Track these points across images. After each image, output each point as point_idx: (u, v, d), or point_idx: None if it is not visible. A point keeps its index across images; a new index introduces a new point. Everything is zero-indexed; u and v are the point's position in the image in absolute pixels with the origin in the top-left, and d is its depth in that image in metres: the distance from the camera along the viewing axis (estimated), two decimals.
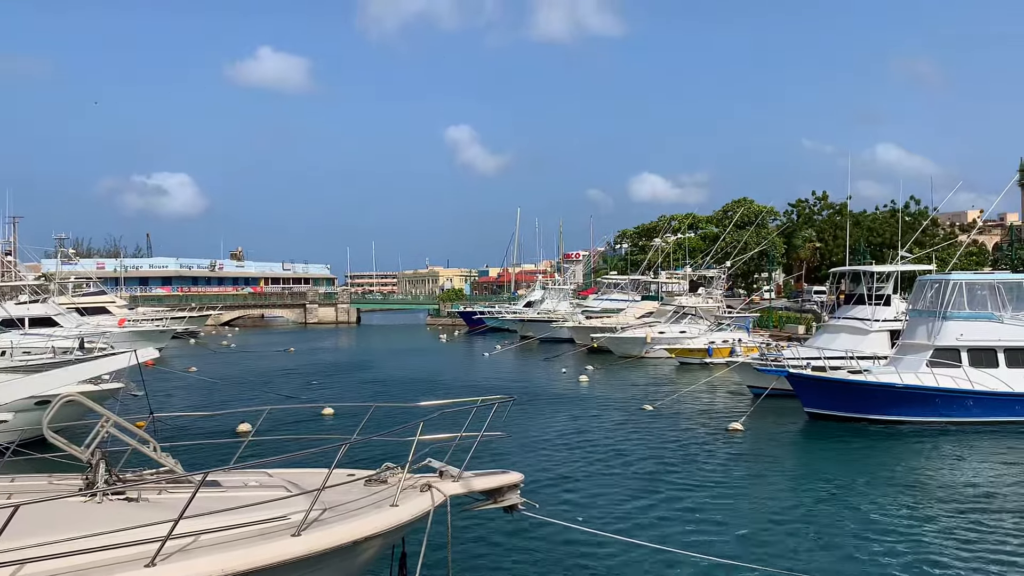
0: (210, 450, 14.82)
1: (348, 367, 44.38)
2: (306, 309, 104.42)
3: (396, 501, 7.35)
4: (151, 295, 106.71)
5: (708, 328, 45.93)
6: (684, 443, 21.13)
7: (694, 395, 30.00)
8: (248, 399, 30.22)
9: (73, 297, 59.74)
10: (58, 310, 46.09)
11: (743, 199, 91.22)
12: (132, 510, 6.66)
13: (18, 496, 6.91)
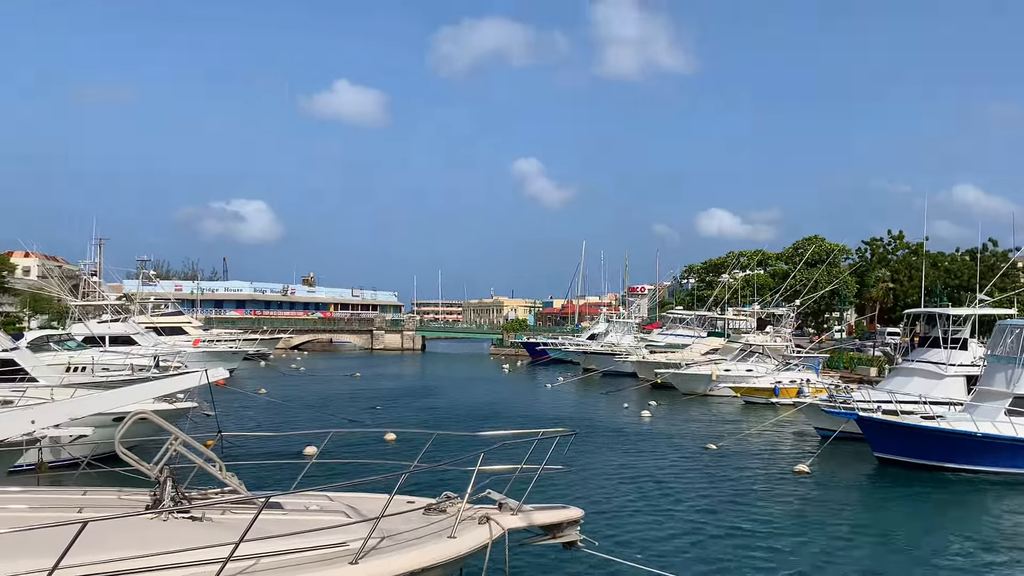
0: (274, 471, 15.08)
1: (412, 393, 44.74)
2: (373, 335, 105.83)
3: (454, 532, 7.34)
4: (225, 317, 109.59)
5: (775, 367, 44.90)
6: (747, 484, 20.63)
7: (759, 435, 29.30)
8: (314, 422, 30.68)
9: (152, 317, 61.77)
10: (137, 329, 47.74)
11: (814, 237, 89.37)
12: (196, 529, 6.80)
13: (89, 509, 7.14)
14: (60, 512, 7.06)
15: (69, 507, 7.25)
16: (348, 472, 14.37)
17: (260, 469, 14.56)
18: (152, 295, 79.25)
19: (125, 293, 78.60)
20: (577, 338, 79.81)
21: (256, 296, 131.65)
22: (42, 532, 6.13)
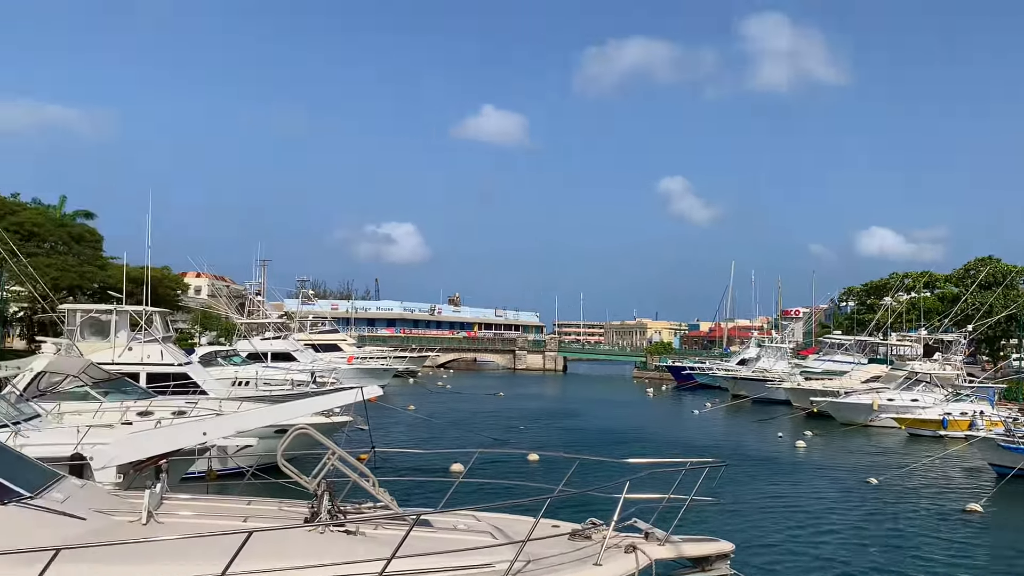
0: (423, 487, 15.42)
1: (553, 415, 44.79)
2: (515, 355, 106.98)
3: (600, 560, 7.23)
4: (377, 335, 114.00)
5: (944, 398, 41.81)
6: (911, 522, 19.22)
7: (925, 470, 27.29)
8: (459, 440, 31.27)
9: (310, 335, 65.11)
10: (297, 346, 50.41)
11: (988, 258, 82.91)
12: (350, 543, 7.01)
13: (252, 519, 7.51)
14: (226, 520, 7.46)
15: (235, 516, 7.65)
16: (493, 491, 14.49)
17: (408, 485, 14.93)
18: (310, 314, 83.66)
19: (286, 311, 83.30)
20: (726, 363, 77.51)
21: (405, 315, 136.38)
22: (211, 539, 6.51)
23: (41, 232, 51.90)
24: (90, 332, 28.16)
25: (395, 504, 8.40)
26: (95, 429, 15.03)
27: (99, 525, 6.84)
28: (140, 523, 6.99)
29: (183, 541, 6.64)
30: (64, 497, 7.11)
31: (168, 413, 18.38)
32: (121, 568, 5.98)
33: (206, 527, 7.08)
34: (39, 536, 6.11)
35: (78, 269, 51.14)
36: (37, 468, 7.78)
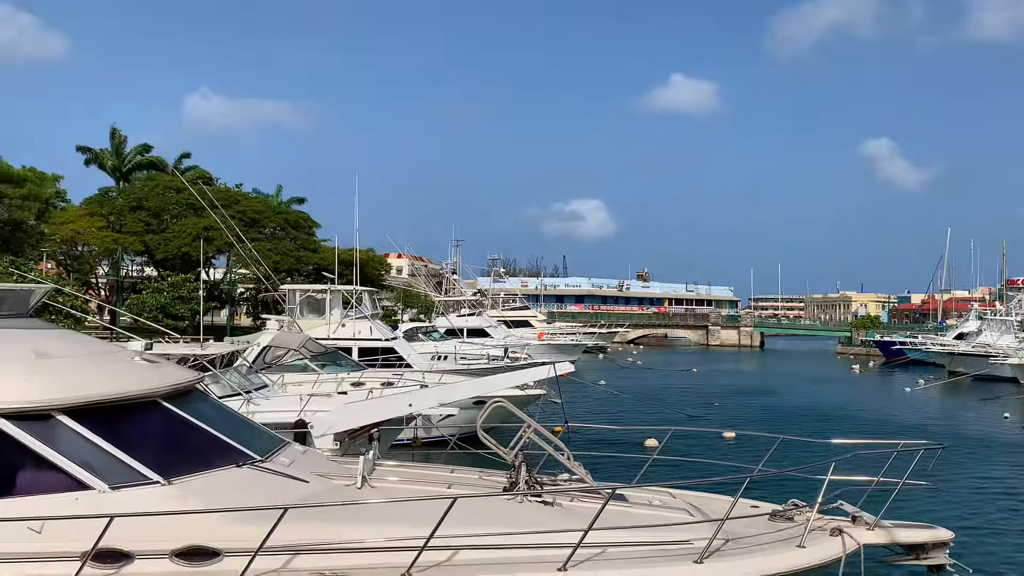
0: (616, 463, 15.50)
1: (750, 392, 43.40)
2: (708, 331, 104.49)
3: (804, 542, 6.98)
4: (566, 312, 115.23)
5: None
6: None
7: None
8: (652, 416, 31.08)
9: (502, 311, 66.97)
10: (490, 322, 52.06)
11: None
12: (547, 514, 7.19)
13: (455, 486, 7.88)
14: (432, 487, 7.88)
15: (439, 483, 8.05)
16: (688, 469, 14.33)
17: (601, 459, 15.05)
18: (502, 291, 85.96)
19: (479, 289, 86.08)
20: (941, 337, 71.63)
21: (593, 291, 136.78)
22: (420, 504, 6.92)
23: (261, 219, 56.71)
24: (307, 310, 30.49)
25: (590, 477, 8.52)
26: (315, 398, 16.37)
27: (320, 488, 7.45)
28: (356, 487, 7.54)
29: (394, 505, 7.11)
30: (290, 461, 7.81)
31: (378, 384, 19.62)
32: (339, 528, 6.49)
33: (414, 493, 7.52)
34: (269, 496, 6.75)
35: (295, 253, 55.51)
36: (266, 435, 8.59)
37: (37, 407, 6.54)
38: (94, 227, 51.19)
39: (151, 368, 8.00)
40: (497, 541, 6.44)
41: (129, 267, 59.52)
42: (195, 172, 61.07)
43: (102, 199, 57.46)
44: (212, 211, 33.91)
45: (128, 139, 65.02)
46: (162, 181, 56.86)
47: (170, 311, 45.33)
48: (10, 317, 8.11)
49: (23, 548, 6.11)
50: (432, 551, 6.21)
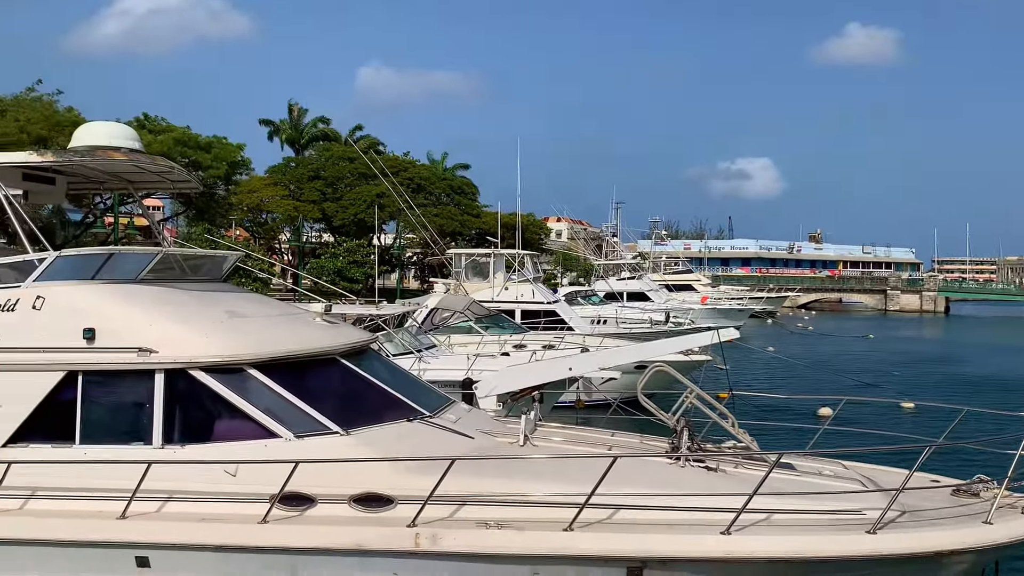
0: (783, 432, 15.01)
1: (932, 360, 40.59)
2: (887, 295, 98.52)
3: (990, 519, 6.52)
4: (731, 275, 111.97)
5: None
6: None
7: None
8: (824, 384, 29.78)
9: (664, 275, 65.98)
10: (651, 286, 51.46)
11: None
12: (709, 479, 7.11)
13: (616, 449, 7.92)
14: (592, 448, 7.99)
15: (600, 445, 8.13)
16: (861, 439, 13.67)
17: (769, 429, 14.62)
18: (663, 254, 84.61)
19: (640, 252, 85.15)
20: None
21: (761, 254, 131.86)
22: (580, 463, 7.03)
23: (427, 185, 58.63)
24: (472, 273, 31.36)
25: (755, 445, 8.32)
26: (481, 359, 16.90)
27: (484, 444, 7.73)
28: (518, 445, 7.76)
29: (554, 462, 7.26)
30: (456, 418, 8.14)
31: (539, 346, 19.97)
32: (503, 482, 6.71)
33: (575, 453, 7.65)
34: (437, 449, 7.08)
35: (459, 217, 57.10)
36: (435, 393, 8.98)
37: (231, 361, 7.17)
38: (277, 196, 54.79)
39: (330, 328, 8.56)
40: (658, 502, 6.45)
41: (309, 233, 63.31)
42: (366, 141, 63.81)
43: (283, 169, 61.27)
44: (383, 179, 35.40)
45: (308, 111, 68.95)
46: (336, 152, 59.91)
47: (346, 274, 47.90)
48: (207, 281, 8.94)
49: (222, 489, 6.76)
50: (593, 508, 6.31)
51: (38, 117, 31.15)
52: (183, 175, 9.79)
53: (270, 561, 6.51)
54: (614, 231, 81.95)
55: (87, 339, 7.15)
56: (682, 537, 6.22)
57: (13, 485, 6.85)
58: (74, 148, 8.67)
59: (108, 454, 6.96)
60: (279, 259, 58.41)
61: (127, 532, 6.58)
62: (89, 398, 7.19)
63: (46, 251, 7.76)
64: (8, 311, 7.43)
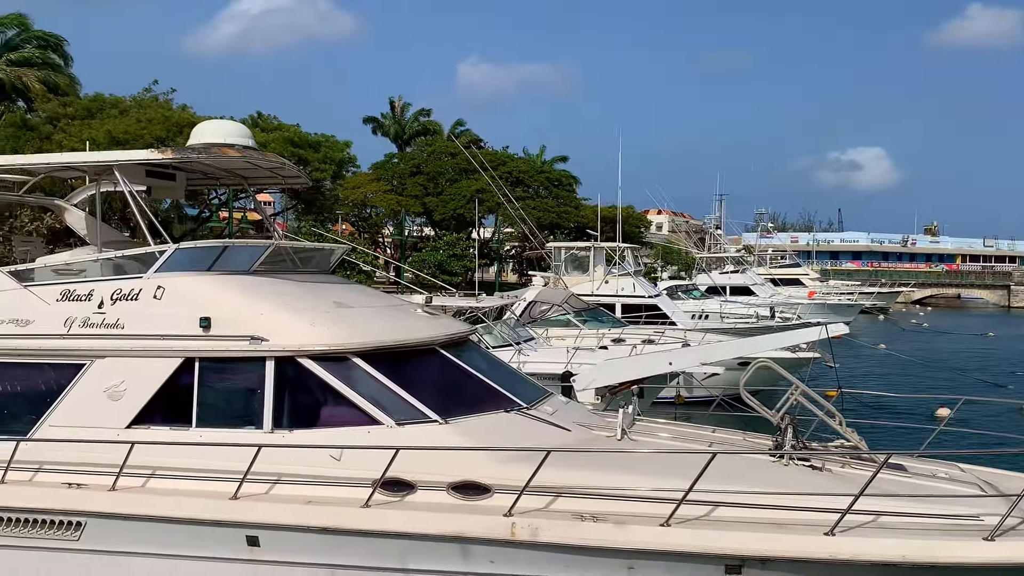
0: (896, 433, 14.41)
1: None
2: (1010, 291, 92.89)
3: None
4: (841, 269, 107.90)
5: None
6: None
7: None
8: (939, 384, 28.39)
9: (770, 268, 64.13)
10: (755, 280, 50.09)
11: None
12: (813, 478, 6.89)
13: (717, 445, 7.78)
14: (692, 444, 7.87)
15: (700, 441, 8.01)
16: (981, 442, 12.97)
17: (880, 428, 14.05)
18: (769, 247, 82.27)
19: (744, 245, 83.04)
20: None
21: (873, 247, 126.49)
22: (678, 459, 6.93)
23: (526, 179, 58.84)
24: (572, 267, 31.28)
25: (864, 445, 8.01)
26: (579, 352, 16.88)
27: (581, 437, 7.72)
28: (615, 439, 7.72)
29: (655, 457, 7.19)
30: (553, 410, 8.16)
31: (638, 341, 19.78)
32: (599, 475, 6.69)
33: (673, 448, 7.55)
34: (533, 440, 7.13)
35: (556, 210, 57.06)
36: (531, 384, 9.03)
37: (336, 350, 7.42)
38: (380, 191, 56.11)
39: (430, 319, 8.72)
40: (759, 501, 6.30)
41: (411, 227, 64.59)
42: (466, 136, 64.53)
43: (386, 164, 62.64)
44: (483, 174, 35.71)
45: (410, 106, 70.33)
46: (438, 146, 60.85)
47: (446, 268, 48.64)
48: (316, 272, 9.28)
49: (327, 473, 7.00)
50: (692, 505, 6.21)
51: (158, 117, 32.85)
52: (294, 170, 10.16)
53: (373, 545, 6.69)
54: (717, 223, 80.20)
55: (203, 327, 7.53)
56: (784, 536, 6.04)
57: (135, 464, 7.27)
58: (191, 145, 9.13)
59: (222, 437, 7.31)
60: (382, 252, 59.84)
61: (239, 512, 6.89)
62: (205, 383, 7.57)
63: (166, 244, 8.21)
64: (132, 300, 7.90)
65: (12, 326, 8.12)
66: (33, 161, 9.77)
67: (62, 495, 7.42)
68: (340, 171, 48.85)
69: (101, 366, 7.80)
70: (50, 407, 7.88)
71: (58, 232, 23.69)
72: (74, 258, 9.05)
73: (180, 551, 7.13)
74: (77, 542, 7.37)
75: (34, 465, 7.69)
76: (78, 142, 27.71)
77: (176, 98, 37.61)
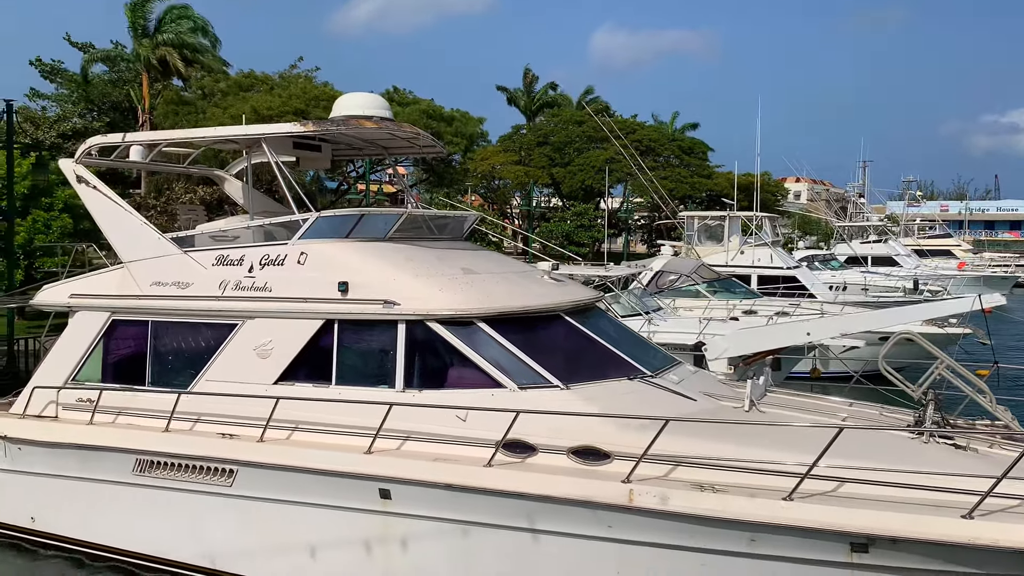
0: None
1: None
2: None
3: None
4: (997, 240, 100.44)
5: None
6: None
7: None
8: None
9: (917, 239, 60.47)
10: (899, 250, 47.35)
11: None
12: (956, 457, 6.56)
13: (851, 420, 7.51)
14: (824, 417, 7.62)
15: (833, 415, 7.75)
16: None
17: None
18: (917, 216, 77.45)
19: (888, 214, 78.58)
20: None
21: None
22: (806, 432, 6.75)
23: (656, 147, 57.71)
24: (705, 237, 30.54)
25: (1016, 425, 7.54)
26: (713, 323, 16.56)
27: (706, 407, 7.64)
28: (743, 410, 7.59)
29: (781, 430, 7.02)
30: (679, 379, 8.10)
31: (771, 313, 19.18)
32: (722, 446, 6.61)
33: (801, 421, 7.35)
34: (655, 409, 7.12)
35: (689, 180, 55.76)
36: (659, 353, 8.99)
37: (463, 314, 7.65)
38: (508, 162, 56.49)
39: (556, 286, 8.83)
40: (890, 478, 6.07)
41: (539, 198, 64.82)
42: (595, 105, 63.79)
43: (514, 135, 62.92)
44: (615, 141, 35.27)
45: (539, 78, 70.21)
46: (565, 115, 60.52)
47: (574, 238, 48.59)
48: (450, 239, 9.57)
49: (453, 432, 7.28)
50: (816, 480, 6.05)
51: (299, 92, 34.30)
52: (429, 140, 10.46)
53: (496, 503, 6.90)
54: (860, 191, 76.16)
55: (341, 291, 7.95)
56: (916, 516, 5.78)
57: (280, 418, 7.79)
58: (332, 118, 9.56)
59: (358, 395, 7.71)
60: (510, 223, 60.42)
61: (372, 466, 7.28)
62: (343, 344, 8.00)
63: (309, 212, 8.67)
64: (278, 265, 8.42)
65: (174, 288, 8.86)
66: (194, 135, 10.53)
67: (217, 444, 8.06)
68: (472, 145, 49.51)
69: (251, 326, 8.38)
70: (207, 363, 8.54)
71: (210, 203, 25.31)
72: (228, 226, 9.72)
73: (320, 500, 7.61)
74: (230, 488, 7.99)
75: (193, 416, 8.37)
76: (227, 118, 29.35)
77: (320, 76, 39.16)
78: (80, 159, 9.93)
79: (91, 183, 9.79)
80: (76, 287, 9.68)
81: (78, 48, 40.46)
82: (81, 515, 9.08)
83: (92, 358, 9.35)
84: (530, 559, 6.98)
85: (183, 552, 8.49)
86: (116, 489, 8.70)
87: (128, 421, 8.78)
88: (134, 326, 9.16)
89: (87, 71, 40.90)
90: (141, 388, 8.95)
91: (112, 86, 40.76)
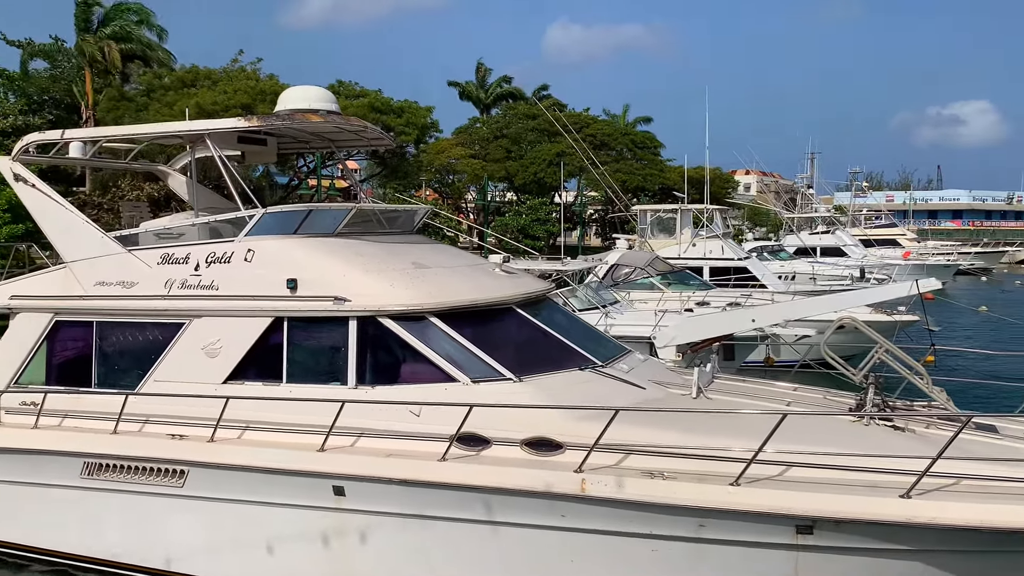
0: (993, 395, 13.88)
1: None
2: None
3: None
4: (940, 228, 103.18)
5: None
6: None
7: None
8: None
9: (864, 229, 61.78)
10: (846, 241, 48.37)
11: None
12: (894, 439, 6.76)
13: (795, 404, 7.69)
14: (769, 403, 7.78)
15: (778, 400, 7.91)
16: None
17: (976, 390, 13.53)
18: (863, 207, 79.13)
19: (836, 205, 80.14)
20: None
21: (975, 206, 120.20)
22: (750, 419, 6.90)
23: (609, 141, 58.09)
24: (658, 230, 30.86)
25: (952, 405, 7.80)
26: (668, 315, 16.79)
27: (656, 395, 7.76)
28: (690, 397, 7.73)
29: (727, 416, 7.17)
30: (629, 368, 8.21)
31: (724, 304, 19.49)
32: (671, 433, 6.73)
33: (748, 407, 7.51)
34: (606, 398, 7.21)
35: (641, 172, 56.26)
36: (610, 343, 9.09)
37: (414, 309, 7.65)
38: (463, 156, 56.38)
39: (508, 278, 8.86)
40: (833, 461, 6.23)
41: (494, 192, 64.78)
42: (548, 100, 63.93)
43: (468, 129, 62.79)
44: (566, 135, 35.40)
45: (492, 72, 70.18)
46: (519, 110, 60.61)
47: (529, 232, 48.70)
48: (401, 233, 9.54)
49: (407, 428, 7.28)
50: (762, 465, 6.19)
51: (244, 87, 33.77)
52: (376, 132, 10.40)
53: (450, 496, 6.93)
54: (809, 182, 77.58)
55: (290, 288, 7.88)
56: (857, 497, 5.96)
57: (231, 418, 7.71)
58: (277, 112, 9.46)
59: (309, 393, 7.66)
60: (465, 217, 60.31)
61: (325, 464, 7.25)
62: (293, 342, 7.94)
63: (255, 208, 8.57)
64: (225, 263, 8.31)
65: (119, 288, 8.69)
66: (136, 131, 10.32)
67: (167, 445, 7.95)
68: (423, 136, 49.28)
69: (199, 325, 8.26)
70: (154, 363, 8.41)
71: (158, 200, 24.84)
72: (173, 223, 9.57)
73: (273, 499, 7.55)
74: (182, 488, 7.89)
75: (142, 417, 8.24)
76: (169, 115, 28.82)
77: (263, 68, 38.53)
78: (17, 156, 9.67)
79: (29, 181, 9.55)
80: (16, 288, 9.45)
81: (15, 46, 39.35)
82: (30, 521, 8.89)
83: (35, 360, 9.15)
84: (489, 550, 7.03)
85: (136, 555, 8.36)
86: (65, 493, 8.54)
87: (75, 424, 8.61)
88: (78, 327, 8.97)
89: (27, 66, 39.81)
90: (87, 390, 8.77)
91: (52, 81, 39.73)
